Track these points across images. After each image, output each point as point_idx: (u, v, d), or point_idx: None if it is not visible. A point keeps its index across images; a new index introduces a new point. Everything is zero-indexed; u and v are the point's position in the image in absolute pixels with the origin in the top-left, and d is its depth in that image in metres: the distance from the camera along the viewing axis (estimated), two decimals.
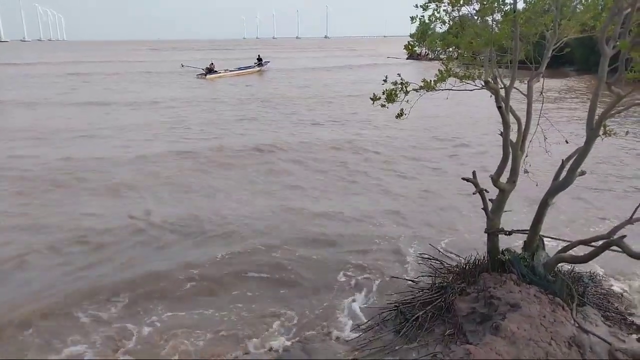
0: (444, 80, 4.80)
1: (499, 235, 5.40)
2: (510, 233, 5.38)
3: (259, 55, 44.46)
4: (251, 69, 40.95)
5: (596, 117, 4.48)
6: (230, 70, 38.51)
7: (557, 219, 7.82)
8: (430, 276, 5.84)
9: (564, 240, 5.18)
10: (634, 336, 4.44)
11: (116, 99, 23.74)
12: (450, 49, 5.20)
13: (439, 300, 5.06)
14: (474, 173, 5.36)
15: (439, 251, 6.79)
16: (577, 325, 4.23)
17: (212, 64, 37.38)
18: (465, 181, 5.36)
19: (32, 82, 32.19)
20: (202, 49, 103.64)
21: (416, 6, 4.86)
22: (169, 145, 13.57)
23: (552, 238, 5.51)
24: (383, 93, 4.98)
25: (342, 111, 20.36)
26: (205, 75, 35.63)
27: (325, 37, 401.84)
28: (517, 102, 5.12)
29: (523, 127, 5.11)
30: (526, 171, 5.36)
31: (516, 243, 6.04)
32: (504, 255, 5.26)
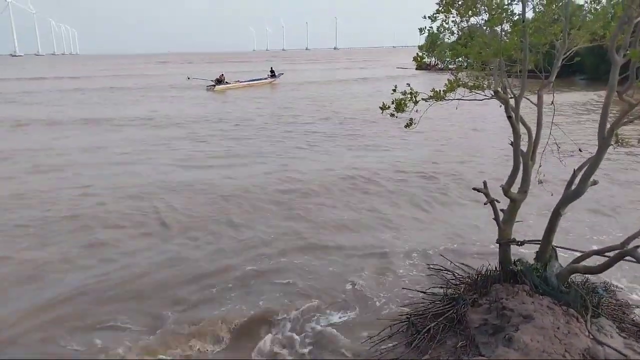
0: (454, 90, 4.81)
1: (511, 246, 5.36)
2: (522, 243, 5.33)
3: (271, 68, 44.17)
4: (263, 81, 40.72)
5: (608, 126, 4.45)
6: (241, 82, 38.34)
7: (569, 228, 7.74)
8: (441, 287, 5.79)
9: (577, 251, 5.12)
10: None
11: (113, 115, 22.98)
12: (460, 59, 5.21)
13: (451, 311, 5.02)
14: (484, 183, 5.34)
15: (450, 262, 6.74)
16: (591, 337, 4.16)
17: (222, 75, 37.36)
18: (476, 191, 5.35)
19: (40, 98, 31.79)
20: (214, 62, 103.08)
21: (424, 17, 4.89)
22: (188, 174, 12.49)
23: (565, 248, 5.45)
24: (392, 102, 5.00)
25: (362, 131, 19.54)
26: (215, 86, 35.62)
27: (335, 48, 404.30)
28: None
29: (534, 136, 5.09)
30: (540, 181, 5.33)
31: (526, 251, 5.97)
32: (516, 265, 5.22)
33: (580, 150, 5.57)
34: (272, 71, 42.93)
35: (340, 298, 5.96)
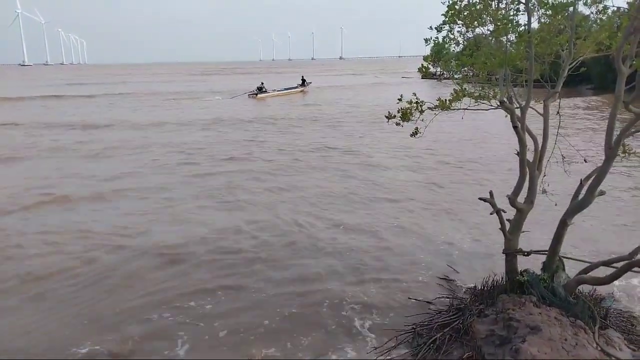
0: (459, 100, 4.82)
1: (518, 256, 5.33)
2: (528, 254, 5.30)
3: (302, 77, 46.75)
4: (296, 89, 43.15)
5: (615, 136, 4.44)
6: (278, 91, 40.69)
7: (576, 238, 7.67)
8: (447, 298, 5.76)
9: (585, 261, 5.09)
10: None
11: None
12: (465, 68, 5.23)
13: (457, 322, 4.98)
14: (490, 193, 5.33)
15: (457, 272, 6.70)
16: (599, 348, 4.12)
17: (262, 83, 39.72)
18: (482, 201, 5.33)
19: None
20: (247, 73, 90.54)
21: (430, 28, 4.91)
22: None
23: (572, 259, 5.41)
24: (398, 112, 5.01)
25: None
26: (257, 94, 37.77)
27: (340, 58, 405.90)
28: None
29: (540, 146, 5.08)
30: (544, 191, 5.31)
31: (535, 262, 5.93)
32: (523, 276, 5.18)
33: (585, 160, 5.55)
34: (302, 79, 45.34)
35: (343, 308, 5.91)
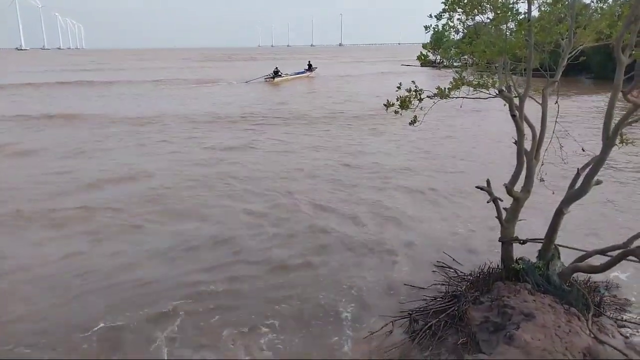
0: (458, 89, 4.82)
1: (514, 244, 5.37)
2: (524, 242, 5.34)
3: (309, 62, 47.71)
4: (304, 74, 44.69)
5: (612, 126, 4.46)
6: (290, 75, 42.03)
7: (573, 227, 7.72)
8: (443, 284, 5.81)
9: (580, 250, 5.13)
10: None
11: None
12: (465, 57, 5.22)
13: (452, 308, 5.03)
14: (488, 181, 5.35)
15: (453, 259, 6.75)
16: (592, 336, 4.18)
17: (277, 67, 40.82)
18: (479, 189, 5.36)
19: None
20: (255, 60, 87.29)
21: (430, 16, 4.90)
22: None
23: (567, 247, 5.45)
24: (397, 99, 5.02)
25: None
26: (274, 78, 38.77)
27: (340, 45, 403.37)
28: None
29: (538, 135, 5.09)
30: (542, 180, 5.33)
31: (530, 250, 5.97)
32: (518, 264, 5.23)
33: (583, 149, 5.57)
34: (309, 64, 46.38)
35: (340, 294, 5.96)
